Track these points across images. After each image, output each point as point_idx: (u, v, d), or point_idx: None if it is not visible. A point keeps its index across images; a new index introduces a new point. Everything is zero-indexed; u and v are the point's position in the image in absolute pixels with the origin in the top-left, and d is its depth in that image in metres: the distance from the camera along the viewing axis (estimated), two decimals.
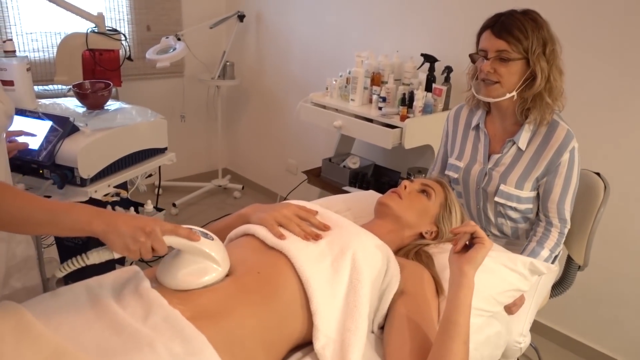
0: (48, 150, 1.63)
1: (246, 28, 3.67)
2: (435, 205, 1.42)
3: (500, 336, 1.36)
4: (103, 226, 0.93)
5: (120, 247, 0.95)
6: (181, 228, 1.02)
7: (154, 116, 1.96)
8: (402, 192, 1.40)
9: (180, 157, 2.18)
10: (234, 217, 1.36)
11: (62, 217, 0.93)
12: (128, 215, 0.96)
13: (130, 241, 0.94)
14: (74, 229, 0.94)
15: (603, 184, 1.72)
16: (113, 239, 0.93)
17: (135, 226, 0.94)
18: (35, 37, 3.01)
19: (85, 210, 0.94)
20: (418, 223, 1.39)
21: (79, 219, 0.93)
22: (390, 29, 2.78)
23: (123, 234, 0.93)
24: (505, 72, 1.50)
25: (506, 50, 1.47)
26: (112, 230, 0.93)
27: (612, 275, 2.19)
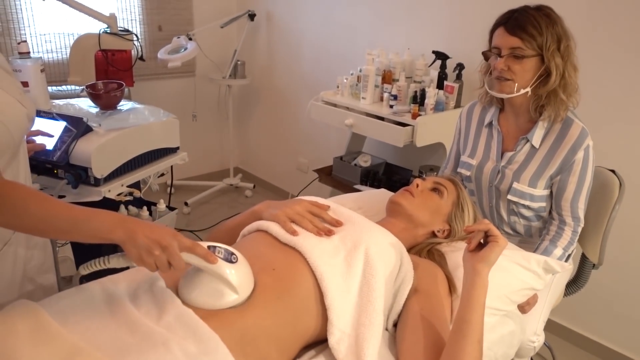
0: (62, 150, 1.65)
1: (257, 27, 3.68)
2: (448, 203, 1.41)
3: (514, 335, 1.35)
4: (123, 235, 0.93)
5: (136, 258, 0.95)
6: (199, 247, 0.99)
7: (166, 116, 1.97)
8: (415, 191, 1.40)
9: (192, 156, 2.19)
10: (246, 215, 1.36)
11: (83, 226, 0.93)
12: (150, 226, 0.96)
13: (145, 253, 0.93)
14: (96, 236, 0.94)
15: (618, 182, 1.70)
16: (129, 249, 0.94)
17: (152, 239, 0.93)
18: (48, 38, 3.04)
19: (108, 218, 0.95)
20: (431, 221, 1.39)
21: (101, 228, 0.93)
22: (400, 26, 2.77)
23: (139, 245, 0.93)
24: (519, 70, 1.48)
25: (520, 48, 1.46)
26: (130, 239, 0.93)
27: (627, 273, 2.17)
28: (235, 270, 1.02)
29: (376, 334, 1.06)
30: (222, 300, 1.01)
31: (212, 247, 1.03)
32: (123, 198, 1.85)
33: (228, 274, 1.00)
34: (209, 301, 1.01)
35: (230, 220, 1.42)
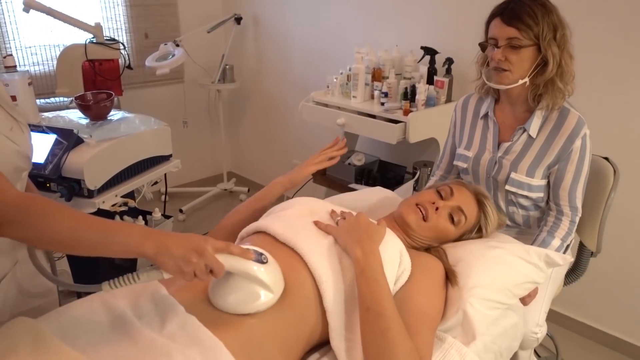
0: (54, 163, 1.64)
1: (244, 30, 3.67)
2: (459, 231, 1.37)
3: (517, 328, 1.35)
4: (154, 248, 0.90)
5: (173, 270, 0.92)
6: (234, 246, 0.99)
7: (157, 124, 1.96)
8: (430, 214, 1.33)
9: (184, 162, 2.18)
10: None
11: (112, 239, 0.90)
12: (179, 236, 0.93)
13: (183, 263, 0.91)
14: (125, 250, 0.91)
15: (612, 169, 1.71)
16: (165, 261, 0.91)
17: (186, 247, 0.91)
18: (34, 51, 3.01)
19: (136, 230, 0.92)
20: (430, 242, 1.37)
21: (130, 242, 0.90)
22: (388, 23, 2.77)
23: (175, 256, 0.90)
24: (516, 60, 1.48)
25: (517, 38, 1.46)
26: (163, 252, 0.90)
27: (626, 260, 2.18)
28: (269, 270, 1.03)
29: None
30: (258, 301, 1.01)
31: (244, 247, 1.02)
32: (118, 208, 1.83)
33: (264, 273, 1.01)
34: (247, 304, 1.01)
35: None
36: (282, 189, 1.50)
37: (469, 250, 1.32)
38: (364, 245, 1.12)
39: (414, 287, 1.16)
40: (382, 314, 1.02)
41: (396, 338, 1.00)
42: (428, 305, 1.15)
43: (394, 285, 1.16)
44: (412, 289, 1.15)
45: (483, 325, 1.20)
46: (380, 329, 1.01)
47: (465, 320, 1.19)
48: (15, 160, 1.04)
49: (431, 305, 1.16)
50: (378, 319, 1.02)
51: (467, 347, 1.16)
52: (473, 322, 1.18)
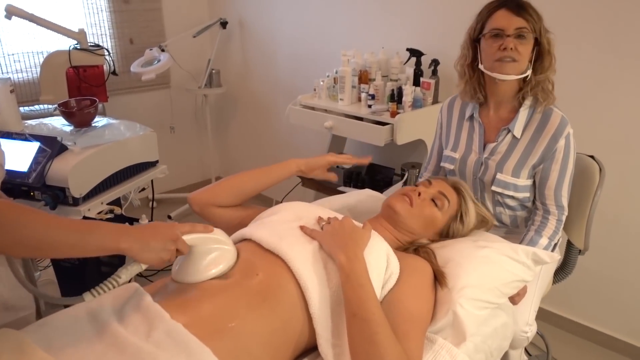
0: (37, 171, 1.62)
1: (229, 35, 3.66)
2: (445, 217, 1.38)
3: (507, 327, 1.36)
4: (133, 244, 0.94)
5: (155, 261, 0.97)
6: (197, 225, 1.08)
7: (142, 130, 1.95)
8: (415, 200, 1.35)
9: (172, 168, 2.17)
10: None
11: (88, 239, 0.92)
12: (152, 228, 0.99)
13: (164, 253, 0.98)
14: (103, 248, 0.94)
15: (598, 167, 1.72)
16: (144, 255, 0.96)
17: (164, 239, 0.98)
18: (17, 58, 2.98)
19: (111, 228, 0.95)
20: (421, 232, 1.37)
21: (105, 239, 0.93)
22: (374, 25, 2.77)
23: (156, 249, 0.97)
24: (523, 50, 1.50)
25: (525, 27, 1.47)
26: (144, 248, 0.95)
27: (613, 257, 2.20)
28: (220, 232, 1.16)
29: None
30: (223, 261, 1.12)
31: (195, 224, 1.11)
32: (104, 216, 1.81)
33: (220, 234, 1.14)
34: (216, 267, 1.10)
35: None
36: (296, 169, 1.49)
37: (458, 250, 1.32)
38: (348, 251, 1.11)
39: (403, 290, 1.15)
40: (368, 319, 1.02)
41: (384, 343, 0.99)
42: (417, 307, 1.14)
43: (382, 289, 1.15)
44: (400, 292, 1.15)
45: (473, 325, 1.20)
46: (367, 335, 1.00)
47: (455, 321, 1.18)
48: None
49: (420, 308, 1.15)
50: (365, 324, 1.01)
51: (457, 348, 1.16)
52: (463, 323, 1.18)
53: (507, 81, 1.53)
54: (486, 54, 1.54)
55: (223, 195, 1.43)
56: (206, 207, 1.41)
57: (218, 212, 1.42)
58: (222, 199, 1.42)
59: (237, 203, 1.44)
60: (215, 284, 1.08)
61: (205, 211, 1.42)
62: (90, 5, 3.20)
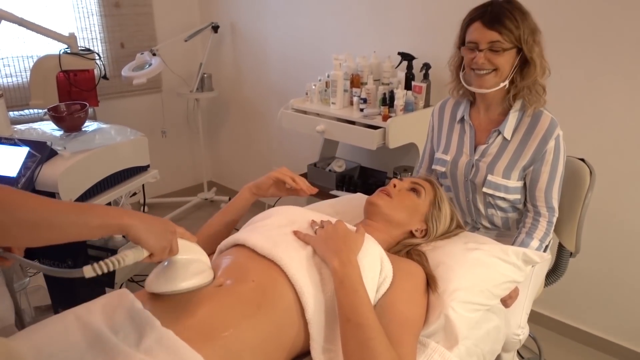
0: (27, 176, 1.60)
1: (221, 39, 3.65)
2: (425, 203, 1.41)
3: (500, 330, 1.36)
4: (137, 222, 0.90)
5: (155, 246, 0.93)
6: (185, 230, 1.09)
7: (133, 134, 1.93)
8: (392, 191, 1.40)
9: (164, 172, 2.16)
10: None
11: (90, 216, 0.87)
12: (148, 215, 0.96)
13: (164, 241, 0.95)
14: (106, 225, 0.87)
15: (588, 170, 1.73)
16: (149, 237, 0.92)
17: (165, 226, 0.96)
18: (6, 62, 2.96)
19: (111, 207, 0.93)
20: (408, 221, 1.38)
21: (108, 215, 0.88)
22: (365, 29, 2.78)
23: (157, 233, 0.93)
24: (501, 61, 1.50)
25: (499, 41, 1.47)
26: (148, 228, 0.91)
27: (604, 259, 2.21)
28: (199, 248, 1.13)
29: None
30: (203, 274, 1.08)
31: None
32: None
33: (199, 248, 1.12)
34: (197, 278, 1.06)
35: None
36: (249, 194, 1.50)
37: (448, 253, 1.32)
38: (341, 255, 1.11)
39: (396, 294, 1.15)
40: (362, 324, 1.01)
41: (378, 348, 0.99)
42: (410, 311, 1.14)
43: (376, 293, 1.15)
44: (394, 296, 1.15)
45: (465, 328, 1.20)
46: (361, 340, 1.00)
47: (447, 325, 1.19)
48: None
49: (414, 312, 1.15)
50: (359, 329, 1.01)
51: (450, 351, 1.16)
52: (455, 326, 1.18)
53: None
54: (465, 62, 1.57)
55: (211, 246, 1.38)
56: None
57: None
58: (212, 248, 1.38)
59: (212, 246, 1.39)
60: (210, 290, 1.07)
61: None
62: (80, 9, 3.19)
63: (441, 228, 1.41)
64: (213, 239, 1.38)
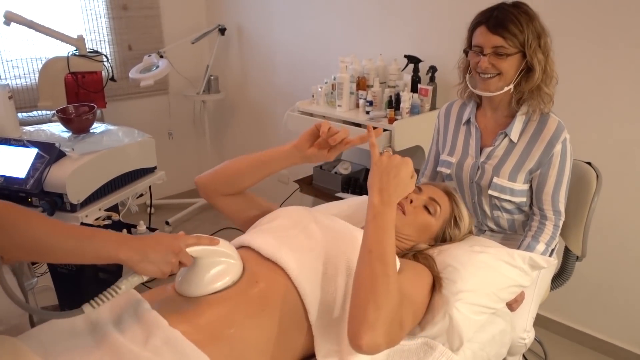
0: (35, 178, 1.61)
1: (228, 41, 3.67)
2: (439, 222, 1.38)
3: (505, 334, 1.36)
4: (132, 255, 0.92)
5: (155, 273, 0.95)
6: (202, 237, 1.05)
7: (140, 136, 1.95)
8: (407, 208, 1.34)
9: (170, 174, 2.17)
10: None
11: (87, 246, 0.91)
12: (153, 239, 0.96)
13: (164, 266, 0.96)
14: (100, 257, 0.92)
15: (595, 174, 1.72)
16: (146, 267, 0.94)
17: (165, 251, 0.96)
18: (16, 64, 2.98)
19: (110, 237, 0.93)
20: (416, 238, 1.37)
21: (105, 246, 0.91)
22: (371, 32, 2.79)
23: (156, 261, 0.94)
24: (505, 65, 1.50)
25: (503, 46, 1.48)
26: (143, 259, 0.93)
27: (610, 263, 2.20)
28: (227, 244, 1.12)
29: None
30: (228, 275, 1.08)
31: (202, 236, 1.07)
32: (101, 222, 1.81)
33: (227, 247, 1.11)
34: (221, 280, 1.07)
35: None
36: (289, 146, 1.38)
37: (454, 256, 1.32)
38: (384, 194, 1.08)
39: (402, 276, 1.14)
40: (384, 260, 1.02)
41: (391, 285, 1.00)
42: (414, 292, 1.15)
43: None
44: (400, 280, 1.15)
45: (470, 329, 1.20)
46: (377, 273, 1.00)
47: (451, 325, 1.18)
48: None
49: (417, 294, 1.16)
50: (379, 262, 1.02)
51: (455, 353, 1.16)
52: (460, 327, 1.18)
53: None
54: (471, 66, 1.58)
55: (222, 183, 1.37)
56: (209, 193, 1.38)
57: (221, 200, 1.39)
58: (222, 186, 1.38)
59: (237, 191, 1.39)
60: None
61: (210, 198, 1.39)
62: (89, 12, 3.21)
63: (455, 241, 1.41)
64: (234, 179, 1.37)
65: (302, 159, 1.33)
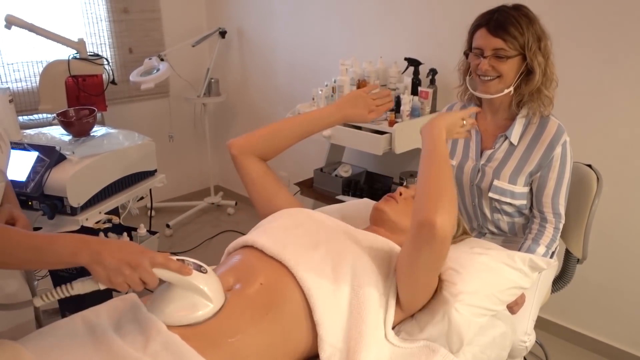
0: (36, 181, 1.61)
1: (228, 44, 3.67)
2: None
3: (506, 337, 1.35)
4: (87, 257, 0.90)
5: (104, 279, 0.92)
6: (172, 261, 0.97)
7: (141, 139, 1.95)
8: (398, 198, 1.40)
9: (171, 177, 2.17)
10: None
11: (46, 252, 0.90)
12: (117, 245, 0.92)
13: (114, 274, 0.91)
14: (60, 261, 0.92)
15: (596, 176, 1.72)
16: (97, 270, 0.91)
17: (121, 259, 0.90)
18: (16, 67, 2.99)
19: (71, 241, 0.92)
20: None
21: (63, 252, 0.90)
22: (372, 35, 2.79)
23: (107, 267, 0.90)
24: (505, 68, 1.51)
25: (503, 49, 1.48)
26: (96, 261, 0.90)
27: (611, 266, 2.19)
28: (207, 280, 1.02)
29: (368, 346, 1.05)
30: (198, 312, 1.00)
31: (180, 260, 1.01)
32: (102, 226, 1.81)
33: (203, 283, 1.00)
34: (185, 316, 1.00)
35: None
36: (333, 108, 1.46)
37: (455, 259, 1.32)
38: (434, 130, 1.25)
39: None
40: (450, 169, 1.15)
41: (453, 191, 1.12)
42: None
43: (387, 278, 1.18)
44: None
45: (470, 331, 1.20)
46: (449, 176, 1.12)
47: (451, 327, 1.18)
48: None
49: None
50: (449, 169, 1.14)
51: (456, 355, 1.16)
52: (460, 327, 1.17)
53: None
54: (472, 68, 1.58)
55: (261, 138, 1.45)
56: (242, 155, 1.44)
57: (250, 164, 1.44)
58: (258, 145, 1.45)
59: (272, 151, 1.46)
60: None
61: (240, 159, 1.44)
62: (89, 15, 3.22)
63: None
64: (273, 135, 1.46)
65: (343, 118, 1.43)
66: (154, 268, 0.94)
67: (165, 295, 1.01)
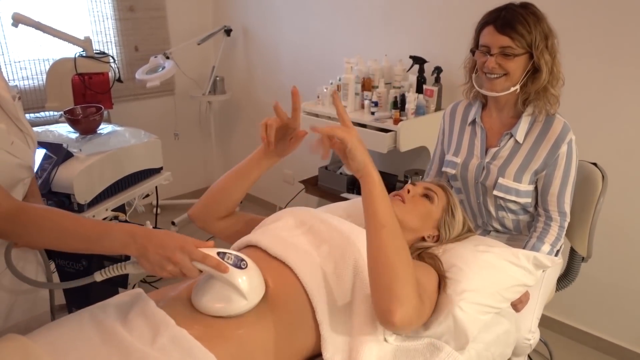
0: (43, 178, 1.63)
1: (233, 42, 3.68)
2: (438, 209, 1.39)
3: (510, 334, 1.35)
4: (135, 252, 0.99)
5: (150, 270, 1.00)
6: (210, 257, 1.00)
7: (147, 137, 1.96)
8: (406, 196, 1.38)
9: (176, 174, 2.18)
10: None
11: (96, 244, 1.00)
12: (161, 240, 0.98)
13: (158, 268, 0.98)
14: (110, 252, 1.04)
15: (601, 174, 1.72)
16: (144, 263, 1.00)
17: (163, 256, 0.97)
18: (23, 65, 3.00)
19: (119, 235, 0.99)
20: (420, 227, 1.37)
21: (113, 246, 1.00)
22: (377, 33, 2.79)
23: (152, 262, 0.98)
24: (512, 66, 1.50)
25: (510, 47, 1.48)
26: (142, 255, 0.98)
27: (616, 264, 2.19)
28: (245, 277, 1.03)
29: (370, 346, 1.05)
30: (231, 306, 1.02)
31: (222, 253, 1.03)
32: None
33: (239, 281, 1.02)
34: (219, 307, 1.03)
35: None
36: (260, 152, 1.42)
37: (459, 256, 1.32)
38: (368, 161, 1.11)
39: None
40: (398, 233, 1.07)
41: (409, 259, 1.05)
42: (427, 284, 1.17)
43: None
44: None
45: (475, 328, 1.20)
46: (398, 246, 1.05)
47: (456, 324, 1.19)
48: (15, 171, 1.10)
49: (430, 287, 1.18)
50: (395, 236, 1.06)
51: (461, 352, 1.16)
52: (464, 325, 1.18)
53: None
54: (478, 66, 1.58)
55: (214, 205, 1.43)
56: (206, 224, 1.43)
57: (219, 225, 1.43)
58: (215, 208, 1.43)
59: (230, 208, 1.44)
60: None
61: (207, 226, 1.43)
62: (96, 13, 3.23)
63: (454, 234, 1.41)
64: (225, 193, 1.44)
65: (275, 156, 1.41)
66: (193, 262, 0.99)
67: (206, 285, 1.05)
